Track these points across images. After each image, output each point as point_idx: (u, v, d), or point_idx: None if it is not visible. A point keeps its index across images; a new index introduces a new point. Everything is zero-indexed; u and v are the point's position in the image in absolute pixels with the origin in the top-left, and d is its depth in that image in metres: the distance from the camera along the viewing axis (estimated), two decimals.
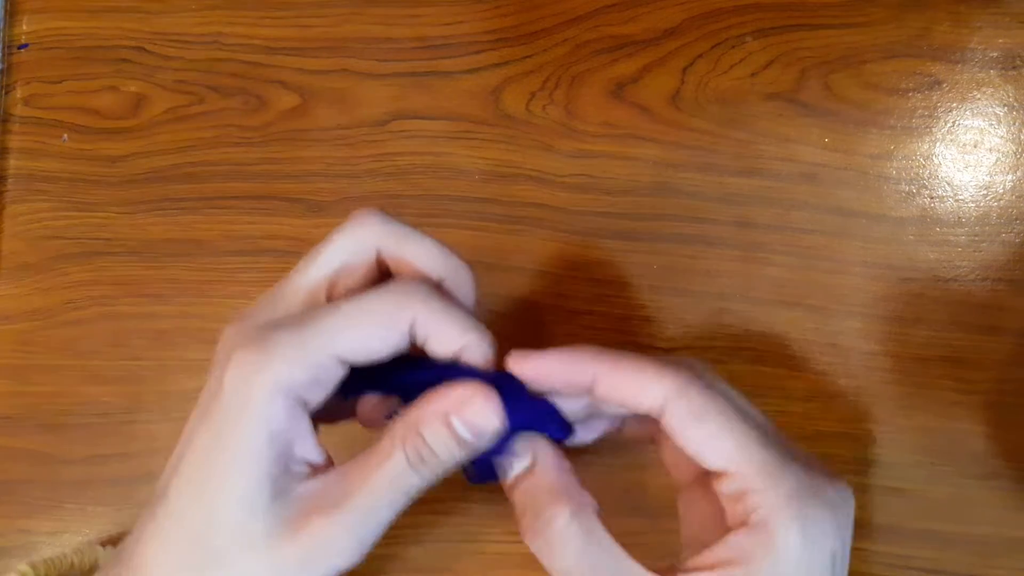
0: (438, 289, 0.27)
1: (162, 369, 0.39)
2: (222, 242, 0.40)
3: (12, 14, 0.42)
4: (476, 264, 0.38)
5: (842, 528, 0.24)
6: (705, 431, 0.24)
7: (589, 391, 0.26)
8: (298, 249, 0.39)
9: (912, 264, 0.36)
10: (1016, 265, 0.36)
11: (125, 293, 0.40)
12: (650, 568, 0.25)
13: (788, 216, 0.37)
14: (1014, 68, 0.37)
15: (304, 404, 0.25)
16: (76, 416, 0.40)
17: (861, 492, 0.36)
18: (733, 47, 0.38)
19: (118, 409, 0.40)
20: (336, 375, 0.25)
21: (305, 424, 0.25)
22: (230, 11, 0.41)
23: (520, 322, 0.38)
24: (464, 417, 0.25)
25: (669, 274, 0.37)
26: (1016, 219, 0.36)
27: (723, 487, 0.25)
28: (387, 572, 0.38)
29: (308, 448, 0.26)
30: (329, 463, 0.27)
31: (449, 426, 0.25)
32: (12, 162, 0.41)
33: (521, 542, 0.37)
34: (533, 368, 0.26)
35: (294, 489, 0.25)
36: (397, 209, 0.39)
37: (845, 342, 0.36)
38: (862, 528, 0.35)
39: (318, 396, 0.25)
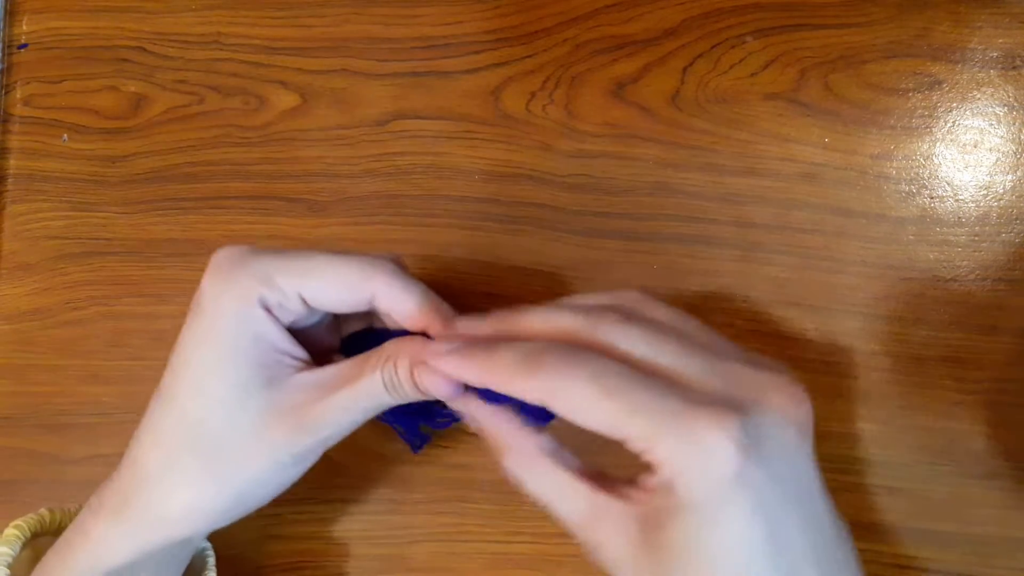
0: (403, 271, 0.30)
1: (162, 369, 0.39)
2: (222, 242, 0.40)
3: (12, 14, 0.42)
4: (476, 264, 0.38)
5: (734, 447, 0.24)
6: (580, 417, 0.26)
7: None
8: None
9: (912, 264, 0.36)
10: (1016, 265, 0.36)
11: (125, 293, 0.40)
12: (599, 485, 0.27)
13: (788, 216, 0.37)
14: (1014, 68, 0.37)
15: (274, 315, 0.29)
16: (76, 416, 0.40)
17: (861, 492, 0.36)
18: (733, 47, 0.38)
19: (118, 409, 0.40)
20: (299, 308, 0.29)
21: (279, 330, 0.29)
22: (230, 11, 0.41)
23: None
24: (421, 377, 0.28)
25: (669, 274, 0.37)
26: (1016, 219, 0.36)
27: (625, 447, 0.26)
28: (387, 572, 0.38)
29: (290, 345, 0.30)
30: (314, 363, 0.30)
31: (413, 373, 0.28)
32: (12, 162, 0.41)
33: (521, 542, 0.38)
34: (446, 369, 0.28)
35: (286, 379, 0.29)
36: (397, 209, 0.39)
37: (845, 342, 0.36)
38: (862, 528, 0.36)
39: (287, 317, 0.30)
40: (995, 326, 0.36)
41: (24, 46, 0.42)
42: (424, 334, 0.30)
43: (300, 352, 0.30)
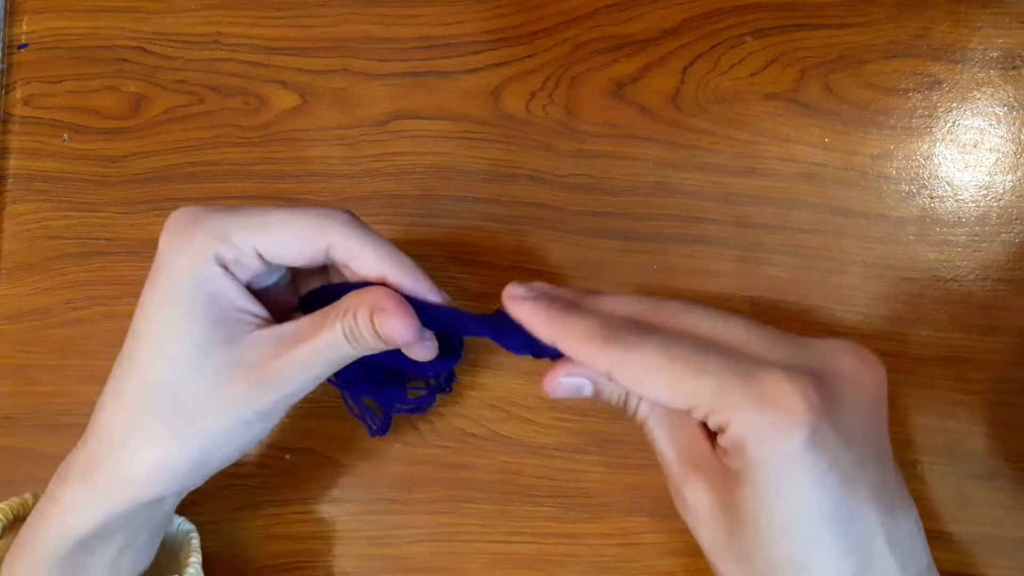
0: (359, 221, 0.30)
1: None
2: None
3: (12, 14, 0.42)
4: (476, 264, 0.38)
5: (807, 405, 0.24)
6: (646, 387, 0.26)
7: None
8: None
9: (912, 264, 0.36)
10: (1016, 265, 0.36)
11: (125, 293, 0.40)
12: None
13: (788, 216, 0.37)
14: (1014, 68, 0.37)
15: (231, 272, 0.29)
16: (76, 416, 0.40)
17: None
18: (733, 47, 0.38)
19: None
20: (255, 264, 0.29)
21: (237, 287, 0.29)
22: (230, 11, 0.41)
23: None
24: (381, 323, 0.28)
25: (669, 274, 0.37)
26: (1016, 219, 0.36)
27: (695, 416, 0.26)
28: (387, 572, 0.38)
29: (249, 303, 0.30)
30: (273, 320, 0.30)
31: (372, 321, 0.29)
32: (12, 162, 0.41)
33: (521, 542, 0.38)
34: (520, 313, 0.28)
35: (245, 335, 0.29)
36: (397, 209, 0.39)
37: None
38: None
39: (243, 274, 0.29)
40: (995, 326, 0.36)
41: (24, 46, 0.42)
42: (383, 284, 0.30)
43: (259, 310, 0.30)
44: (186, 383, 0.29)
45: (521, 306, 0.28)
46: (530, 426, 0.38)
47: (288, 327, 0.30)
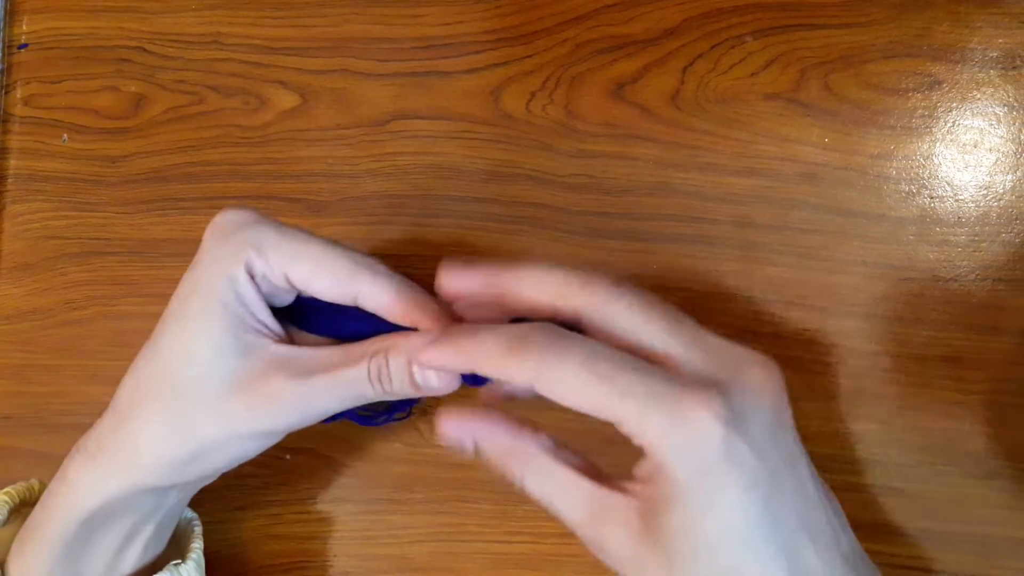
0: (392, 273, 0.30)
1: None
2: None
3: (12, 14, 0.42)
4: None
5: (722, 425, 0.25)
6: (570, 400, 0.26)
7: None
8: None
9: (912, 264, 0.36)
10: (1016, 265, 0.36)
11: (125, 293, 0.40)
12: (600, 481, 0.27)
13: (788, 216, 0.37)
14: (1014, 68, 0.37)
15: (256, 283, 0.29)
16: (76, 416, 0.40)
17: (861, 492, 0.36)
18: (733, 47, 0.38)
19: None
20: (282, 285, 0.30)
21: (261, 298, 0.30)
22: (230, 11, 0.41)
23: (519, 321, 0.38)
24: (422, 370, 0.29)
25: (669, 274, 0.37)
26: (1016, 219, 0.36)
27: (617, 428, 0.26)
28: (387, 572, 0.38)
29: (269, 318, 0.30)
30: (288, 340, 0.31)
31: (410, 365, 0.29)
32: (12, 162, 0.41)
33: (521, 542, 0.38)
34: (431, 362, 0.28)
35: (263, 349, 0.29)
36: (397, 209, 0.39)
37: (845, 342, 0.36)
38: (862, 528, 0.35)
39: (266, 288, 0.30)
40: (995, 326, 0.36)
41: (24, 46, 0.42)
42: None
43: (276, 326, 0.30)
44: (195, 379, 0.29)
45: (428, 355, 0.28)
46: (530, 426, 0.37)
47: (306, 352, 0.30)
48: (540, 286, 0.28)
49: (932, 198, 0.37)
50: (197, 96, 0.41)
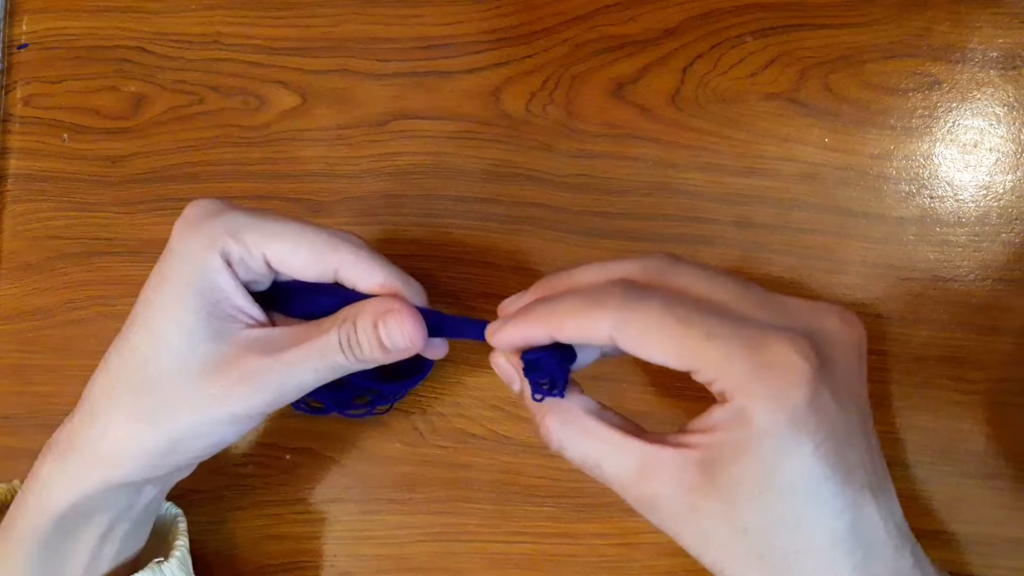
0: (369, 246, 0.30)
1: None
2: None
3: (12, 14, 0.42)
4: (476, 264, 0.38)
5: (815, 369, 0.25)
6: (652, 348, 0.26)
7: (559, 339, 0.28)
8: None
9: (912, 264, 0.36)
10: (1016, 265, 0.36)
11: (125, 293, 0.40)
12: (648, 438, 0.27)
13: (788, 216, 0.37)
14: (1014, 68, 0.37)
15: (233, 269, 0.29)
16: None
17: None
18: (733, 47, 0.38)
19: None
20: (260, 268, 0.30)
21: (235, 285, 0.29)
22: (230, 11, 0.41)
23: None
24: (386, 325, 0.29)
25: None
26: (1016, 219, 0.36)
27: (694, 377, 0.26)
28: (387, 572, 0.38)
29: (246, 303, 0.30)
30: (270, 324, 0.30)
31: (376, 328, 0.29)
32: (12, 162, 0.41)
33: (521, 542, 0.38)
34: (503, 342, 0.29)
35: (235, 333, 0.29)
36: (397, 209, 0.39)
37: None
38: None
39: (244, 274, 0.30)
40: (995, 326, 0.36)
41: (24, 46, 0.42)
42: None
43: (255, 311, 0.30)
44: (168, 367, 0.29)
45: (507, 333, 0.28)
46: (530, 426, 0.37)
47: (279, 331, 0.30)
48: (603, 274, 0.28)
49: (932, 198, 0.37)
50: (197, 96, 0.41)
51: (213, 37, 0.41)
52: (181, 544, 0.34)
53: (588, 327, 0.26)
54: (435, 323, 0.30)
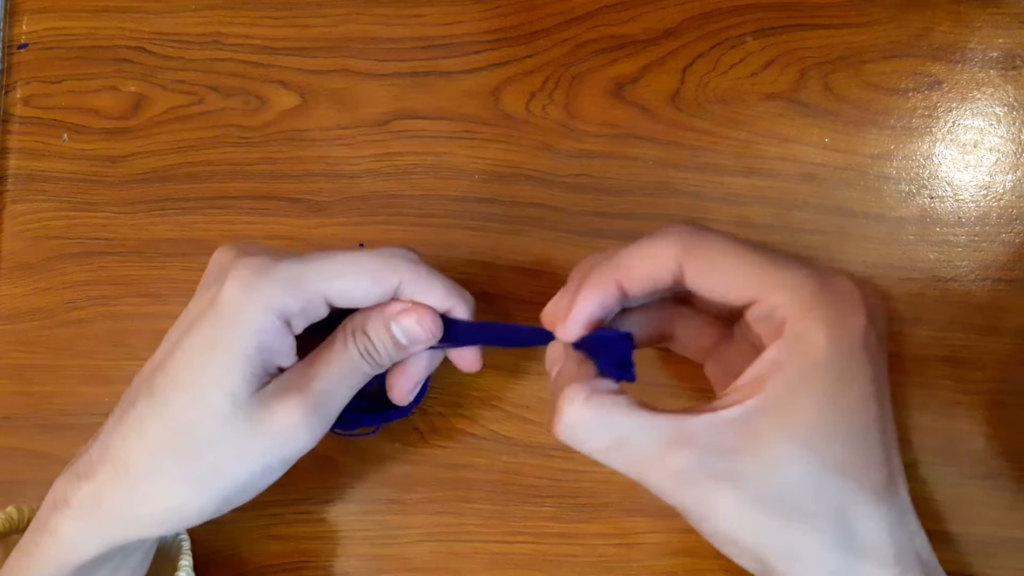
0: (421, 259, 0.31)
1: None
2: (222, 242, 0.40)
3: (12, 14, 0.42)
4: (476, 264, 0.38)
5: (869, 308, 0.25)
6: (721, 273, 0.26)
7: (626, 299, 0.28)
8: (298, 249, 0.39)
9: (912, 264, 0.36)
10: (1016, 265, 0.36)
11: (125, 293, 0.40)
12: (675, 411, 0.26)
13: (788, 216, 0.37)
14: (1014, 68, 0.37)
15: (290, 327, 0.29)
16: (76, 416, 0.40)
17: None
18: (733, 47, 0.38)
19: None
20: (321, 312, 0.29)
21: (289, 341, 0.29)
22: (230, 11, 0.41)
23: (520, 321, 0.38)
24: (401, 324, 0.30)
25: None
26: (1016, 219, 0.36)
27: (751, 315, 0.26)
28: (387, 572, 0.38)
29: (287, 360, 0.30)
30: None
31: (388, 329, 0.30)
32: (12, 162, 0.41)
33: (521, 542, 0.38)
34: (573, 313, 0.28)
35: (273, 382, 0.29)
36: (397, 209, 0.39)
37: None
38: None
39: (302, 324, 0.29)
40: (995, 326, 0.36)
41: (24, 46, 0.42)
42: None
43: (293, 360, 0.30)
44: (215, 434, 0.28)
45: (578, 308, 0.28)
46: (530, 426, 0.38)
47: (295, 373, 0.30)
48: (651, 249, 0.27)
49: (932, 198, 0.37)
50: (197, 96, 0.41)
51: (213, 37, 0.41)
52: (185, 564, 0.34)
53: (655, 262, 0.26)
54: (478, 333, 0.31)
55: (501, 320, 0.38)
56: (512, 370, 0.38)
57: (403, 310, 0.30)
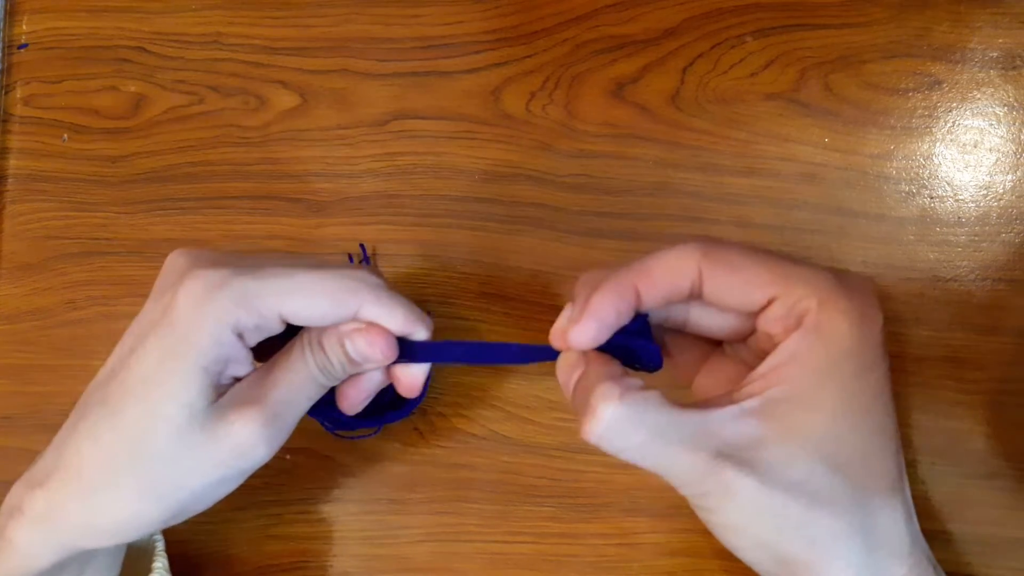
0: (385, 282, 0.30)
1: None
2: (222, 242, 0.40)
3: (12, 14, 0.42)
4: (476, 264, 0.38)
5: (878, 308, 0.27)
6: (743, 272, 0.27)
7: (640, 309, 0.28)
8: (298, 249, 0.39)
9: (912, 264, 0.36)
10: (1016, 265, 0.36)
11: (125, 293, 0.40)
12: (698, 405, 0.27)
13: (788, 216, 0.37)
14: (1014, 68, 0.37)
15: (243, 339, 0.29)
16: None
17: None
18: (733, 47, 0.38)
19: None
20: (276, 328, 0.29)
21: (244, 352, 0.29)
22: (230, 11, 0.41)
23: (520, 321, 0.38)
24: (354, 343, 0.29)
25: None
26: (1016, 219, 0.36)
27: (772, 313, 0.27)
28: (387, 572, 0.38)
29: (243, 369, 0.30)
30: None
31: (343, 346, 0.29)
32: (12, 162, 0.41)
33: (521, 542, 0.37)
34: (584, 331, 0.27)
35: (229, 393, 0.29)
36: (397, 209, 0.39)
37: None
38: None
39: (256, 338, 0.29)
40: (995, 326, 0.36)
41: (24, 46, 0.42)
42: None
43: (250, 364, 0.30)
44: (170, 446, 0.28)
45: (595, 313, 0.27)
46: (530, 426, 0.38)
47: (257, 375, 0.30)
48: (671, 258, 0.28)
49: (932, 198, 0.37)
50: (197, 96, 0.41)
51: (213, 37, 0.41)
52: (159, 566, 0.33)
53: (679, 266, 0.27)
54: (444, 351, 0.31)
55: (497, 322, 0.38)
56: (512, 370, 0.38)
57: (356, 329, 0.29)
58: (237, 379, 0.30)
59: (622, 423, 0.26)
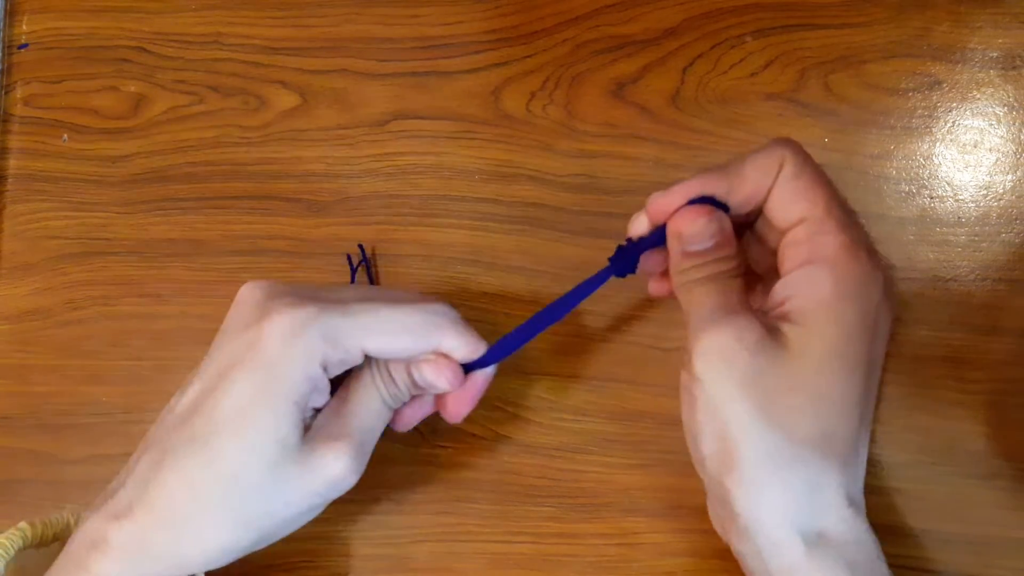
0: (460, 316, 0.32)
1: (162, 369, 0.39)
2: (222, 242, 0.40)
3: (12, 14, 0.42)
4: (476, 264, 0.38)
5: (886, 294, 0.29)
6: (799, 183, 0.29)
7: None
8: (298, 249, 0.39)
9: (912, 264, 0.36)
10: (1016, 265, 0.36)
11: (125, 293, 0.40)
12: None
13: None
14: (1014, 68, 0.37)
15: (326, 371, 0.30)
16: (76, 416, 0.40)
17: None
18: (733, 47, 0.38)
19: (118, 409, 0.40)
20: (358, 360, 0.31)
21: (326, 384, 0.30)
22: (230, 11, 0.41)
23: (520, 322, 0.38)
24: (422, 372, 0.31)
25: None
26: (1016, 219, 0.36)
27: (799, 232, 0.29)
28: (387, 572, 0.38)
29: (322, 400, 0.31)
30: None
31: (410, 374, 0.31)
32: (12, 162, 0.41)
33: (521, 542, 0.37)
34: (666, 214, 0.30)
35: (308, 428, 0.30)
36: (397, 209, 0.39)
37: None
38: None
39: (338, 370, 0.30)
40: (995, 326, 0.36)
41: (24, 46, 0.42)
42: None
43: (327, 398, 0.31)
44: (265, 478, 0.29)
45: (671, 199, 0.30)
46: (530, 426, 0.38)
47: (330, 416, 0.31)
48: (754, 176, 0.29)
49: (932, 198, 0.37)
50: (197, 96, 0.41)
51: (213, 37, 0.41)
52: None
53: (766, 166, 0.29)
54: (510, 342, 0.32)
55: (497, 322, 0.38)
56: (512, 370, 0.38)
57: (425, 360, 0.31)
58: (316, 409, 0.31)
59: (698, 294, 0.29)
